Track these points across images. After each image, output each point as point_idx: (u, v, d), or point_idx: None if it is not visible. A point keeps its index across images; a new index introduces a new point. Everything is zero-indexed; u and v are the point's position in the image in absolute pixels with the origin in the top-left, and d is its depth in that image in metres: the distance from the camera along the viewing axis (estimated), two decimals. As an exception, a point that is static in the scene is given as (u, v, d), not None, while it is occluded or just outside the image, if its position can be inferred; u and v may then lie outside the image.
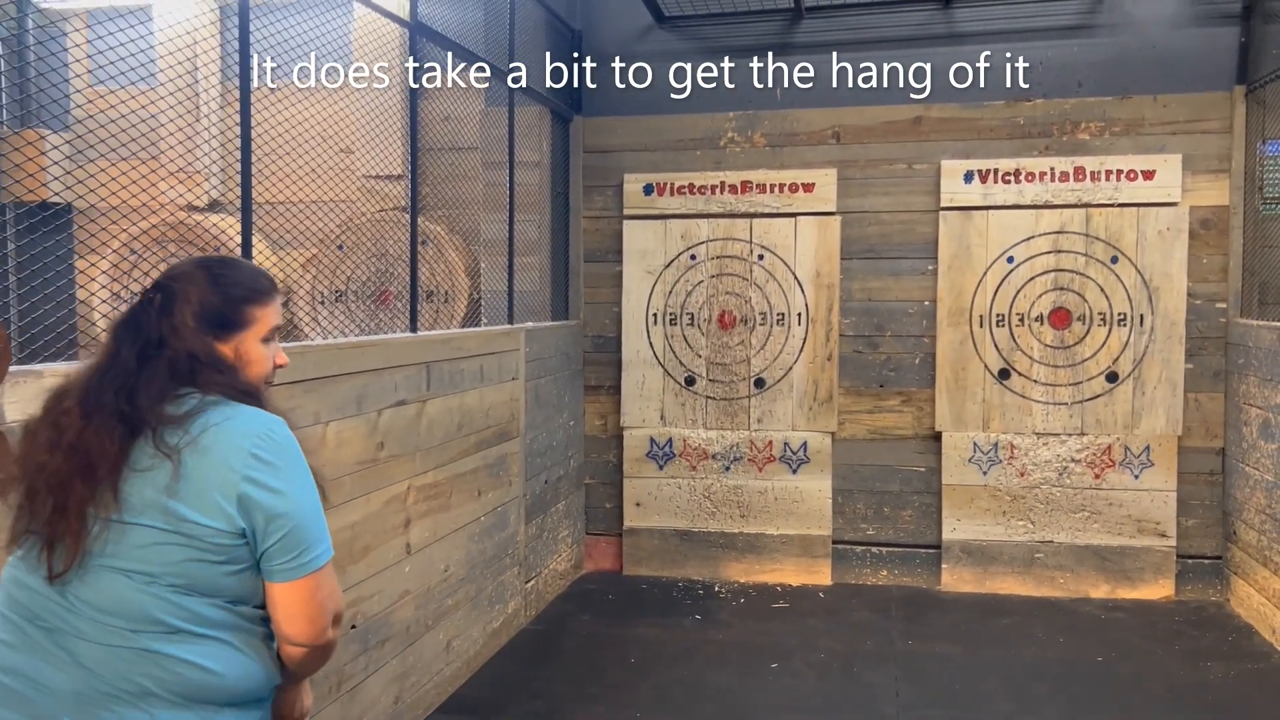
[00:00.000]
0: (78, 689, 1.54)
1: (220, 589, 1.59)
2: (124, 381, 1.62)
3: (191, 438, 1.58)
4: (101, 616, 1.55)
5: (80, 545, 1.55)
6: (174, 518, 1.56)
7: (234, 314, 1.74)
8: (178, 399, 1.63)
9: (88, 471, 1.56)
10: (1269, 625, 5.02)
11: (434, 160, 5.52)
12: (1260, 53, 5.44)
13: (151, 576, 1.55)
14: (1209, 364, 5.66)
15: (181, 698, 1.56)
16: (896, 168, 5.93)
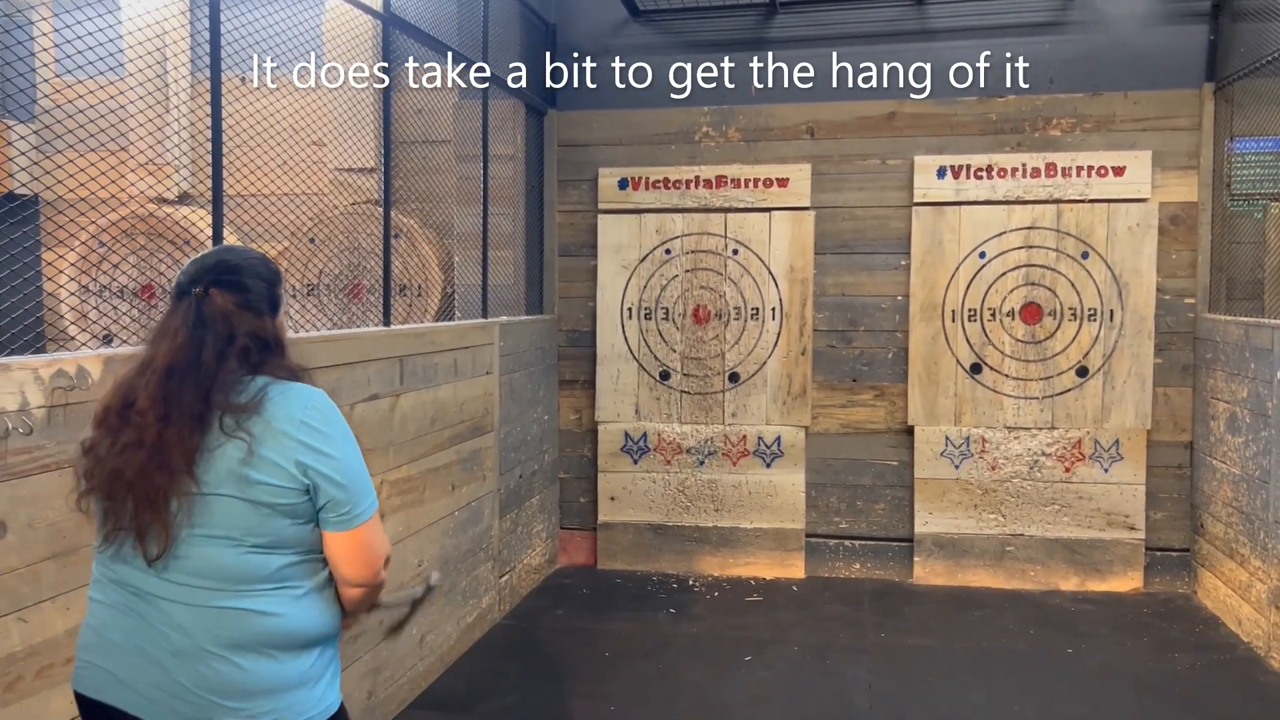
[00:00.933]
0: (175, 648, 1.74)
1: (291, 542, 1.80)
2: (202, 381, 1.78)
3: (260, 416, 1.78)
4: (192, 580, 1.75)
5: (169, 531, 1.75)
6: (247, 484, 1.76)
7: (276, 295, 1.95)
8: (239, 387, 1.81)
9: (167, 467, 1.74)
10: (1235, 616, 5.09)
11: (406, 153, 5.48)
12: (1229, 50, 5.50)
13: (235, 539, 1.76)
14: (1177, 359, 5.72)
15: (266, 646, 1.76)
16: (870, 163, 5.95)
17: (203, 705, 1.74)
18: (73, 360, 2.43)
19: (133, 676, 1.76)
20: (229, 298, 1.86)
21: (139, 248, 5.58)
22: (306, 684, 1.82)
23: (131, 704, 1.76)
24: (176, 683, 1.74)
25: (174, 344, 1.81)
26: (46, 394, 2.34)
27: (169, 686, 1.74)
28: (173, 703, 1.74)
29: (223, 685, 1.74)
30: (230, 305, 1.85)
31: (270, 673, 1.77)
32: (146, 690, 1.75)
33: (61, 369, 2.38)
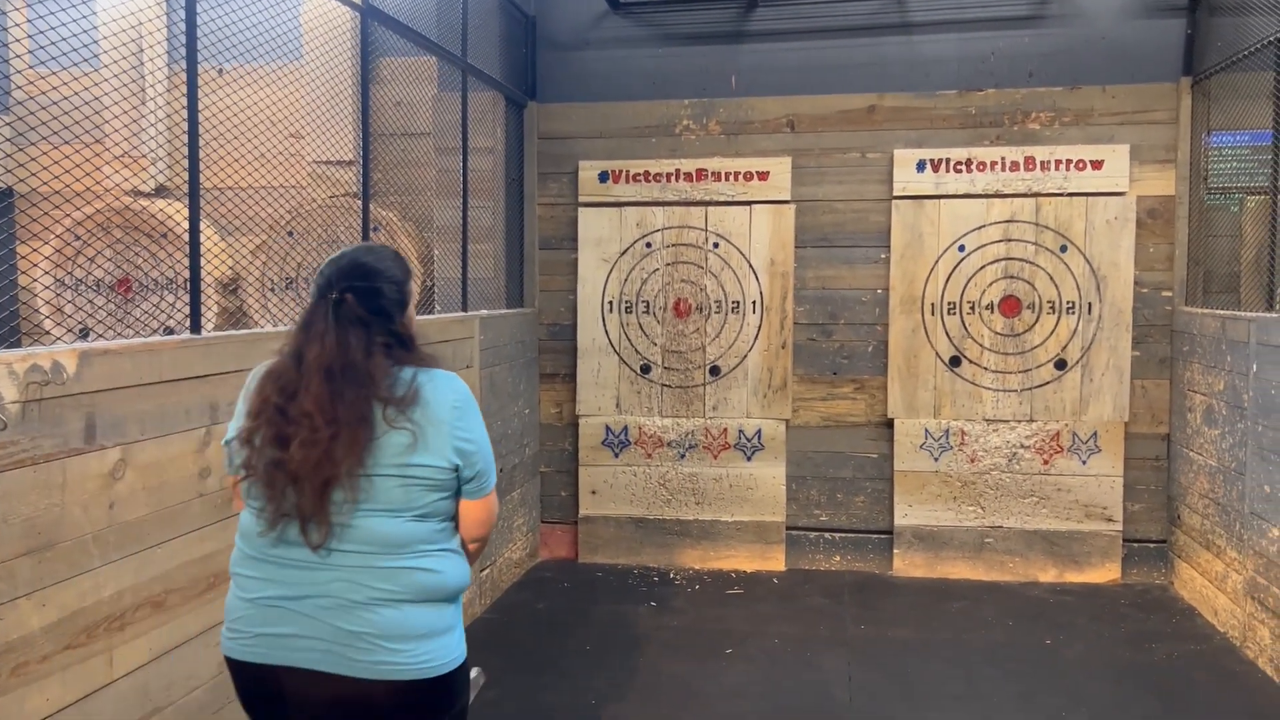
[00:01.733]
0: (341, 598, 1.96)
1: (438, 511, 2.06)
2: (362, 381, 1.98)
3: (419, 407, 2.00)
4: (357, 547, 1.97)
5: (330, 520, 1.95)
6: (409, 467, 1.99)
7: (406, 293, 2.16)
8: (391, 380, 2.02)
9: (335, 462, 1.93)
10: (1211, 607, 5.14)
11: (385, 146, 5.46)
12: (1206, 45, 5.54)
13: (396, 511, 1.99)
14: (1155, 351, 5.76)
15: (420, 597, 2.01)
16: (850, 156, 5.96)
17: (373, 649, 1.96)
18: (48, 355, 2.40)
19: (302, 632, 1.97)
20: (362, 304, 2.04)
21: (115, 241, 5.54)
22: (451, 630, 2.07)
23: (302, 659, 1.97)
24: (346, 631, 1.96)
25: (324, 346, 1.99)
26: (21, 389, 2.31)
27: (340, 637, 1.96)
28: (346, 651, 1.96)
29: (389, 629, 1.97)
30: (364, 312, 2.04)
31: (427, 620, 2.02)
32: (316, 644, 1.97)
33: (36, 364, 2.36)
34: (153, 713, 2.77)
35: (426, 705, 2.02)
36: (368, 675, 1.95)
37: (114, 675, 2.62)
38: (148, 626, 2.75)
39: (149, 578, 2.75)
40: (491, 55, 5.72)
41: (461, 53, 5.22)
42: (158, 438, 2.77)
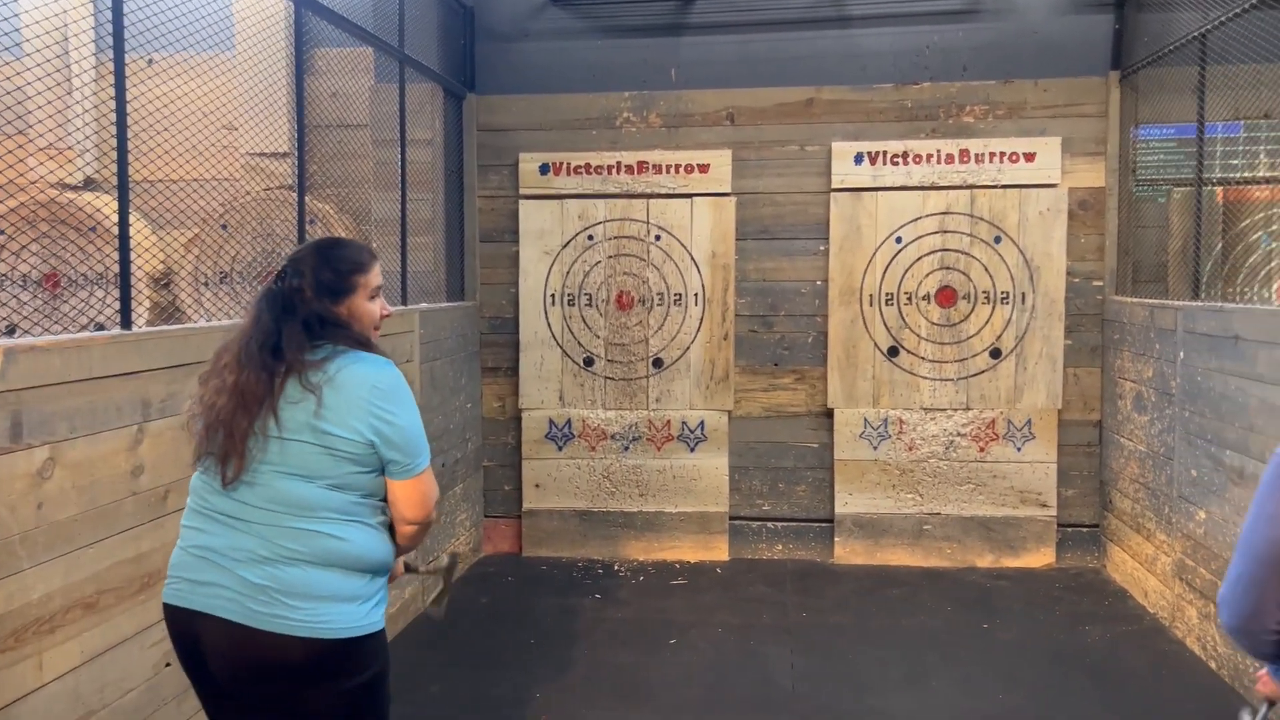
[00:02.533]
0: (252, 551, 2.09)
1: (355, 485, 2.16)
2: (266, 339, 2.15)
3: (329, 376, 2.14)
4: (270, 505, 2.11)
5: (244, 460, 2.11)
6: (321, 434, 2.11)
7: (343, 283, 2.27)
8: (314, 348, 2.17)
9: (247, 406, 2.11)
10: (1141, 589, 5.27)
11: (321, 137, 5.37)
12: (1133, 40, 5.67)
13: (308, 476, 2.12)
14: (1086, 340, 5.89)
15: (326, 561, 2.11)
16: (789, 149, 6.01)
17: (271, 603, 2.06)
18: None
19: (215, 580, 2.09)
20: (293, 281, 2.22)
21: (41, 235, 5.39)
22: (357, 600, 2.14)
23: (212, 605, 2.08)
24: (251, 583, 2.07)
25: (249, 315, 2.22)
26: (-59, 387, 2.24)
27: (245, 588, 2.07)
28: (247, 601, 2.06)
29: (291, 586, 2.07)
30: (293, 286, 2.22)
31: (331, 583, 2.10)
32: (224, 592, 2.08)
33: (-43, 361, 2.29)
34: (85, 716, 2.71)
35: (326, 667, 2.09)
36: (267, 627, 2.05)
37: (44, 679, 2.56)
38: (79, 629, 2.68)
39: (80, 579, 2.69)
40: (429, 46, 5.67)
41: (399, 44, 5.16)
42: (88, 435, 2.71)
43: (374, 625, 2.17)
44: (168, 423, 2.99)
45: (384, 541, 2.23)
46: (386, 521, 2.25)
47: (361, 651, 2.13)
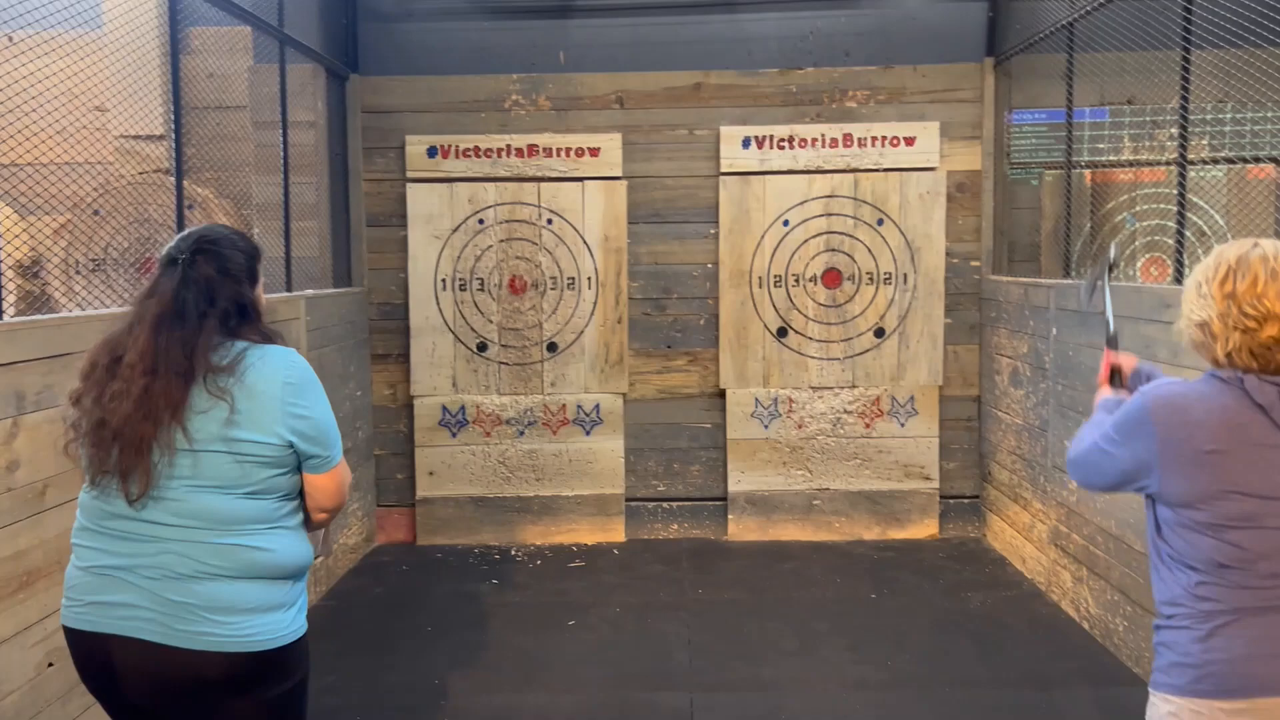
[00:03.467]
0: (169, 569, 1.96)
1: (274, 489, 2.06)
2: (187, 339, 1.98)
3: (238, 379, 1.99)
4: (185, 521, 1.97)
5: (150, 476, 1.96)
6: (235, 442, 1.98)
7: (255, 268, 2.19)
8: (220, 349, 2.02)
9: (153, 416, 1.94)
10: (1019, 556, 5.51)
11: (198, 119, 5.20)
12: (1006, 27, 5.88)
13: (225, 488, 1.99)
14: (965, 318, 6.11)
15: (250, 574, 2.00)
16: (679, 133, 6.06)
17: (196, 620, 1.96)
18: None
19: (128, 600, 1.97)
20: (210, 265, 2.06)
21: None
22: (283, 607, 2.06)
23: (127, 627, 1.96)
24: (172, 602, 1.96)
25: (161, 303, 2.01)
26: None
27: (165, 607, 1.96)
28: (169, 620, 1.96)
29: (215, 601, 1.97)
30: (212, 271, 2.06)
31: (256, 595, 2.01)
32: (141, 612, 1.96)
33: None
34: (-41, 722, 2.60)
35: (253, 678, 2.01)
36: (191, 645, 1.96)
37: (-88, 684, 2.45)
38: (-51, 631, 2.57)
39: (-51, 579, 2.57)
40: (310, 26, 5.53)
41: (278, 22, 5.03)
42: (-46, 429, 2.58)
43: (299, 631, 2.11)
44: (45, 415, 2.87)
45: (304, 543, 2.16)
46: (301, 520, 2.17)
47: (289, 658, 2.07)
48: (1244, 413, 1.84)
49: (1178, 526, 1.92)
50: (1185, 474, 1.88)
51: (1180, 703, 1.92)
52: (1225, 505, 1.85)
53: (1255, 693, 1.85)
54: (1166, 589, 1.98)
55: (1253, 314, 1.85)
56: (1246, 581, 1.86)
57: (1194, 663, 1.90)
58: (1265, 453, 1.83)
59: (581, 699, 3.99)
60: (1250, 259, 1.88)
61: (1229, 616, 1.88)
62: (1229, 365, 1.90)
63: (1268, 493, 1.83)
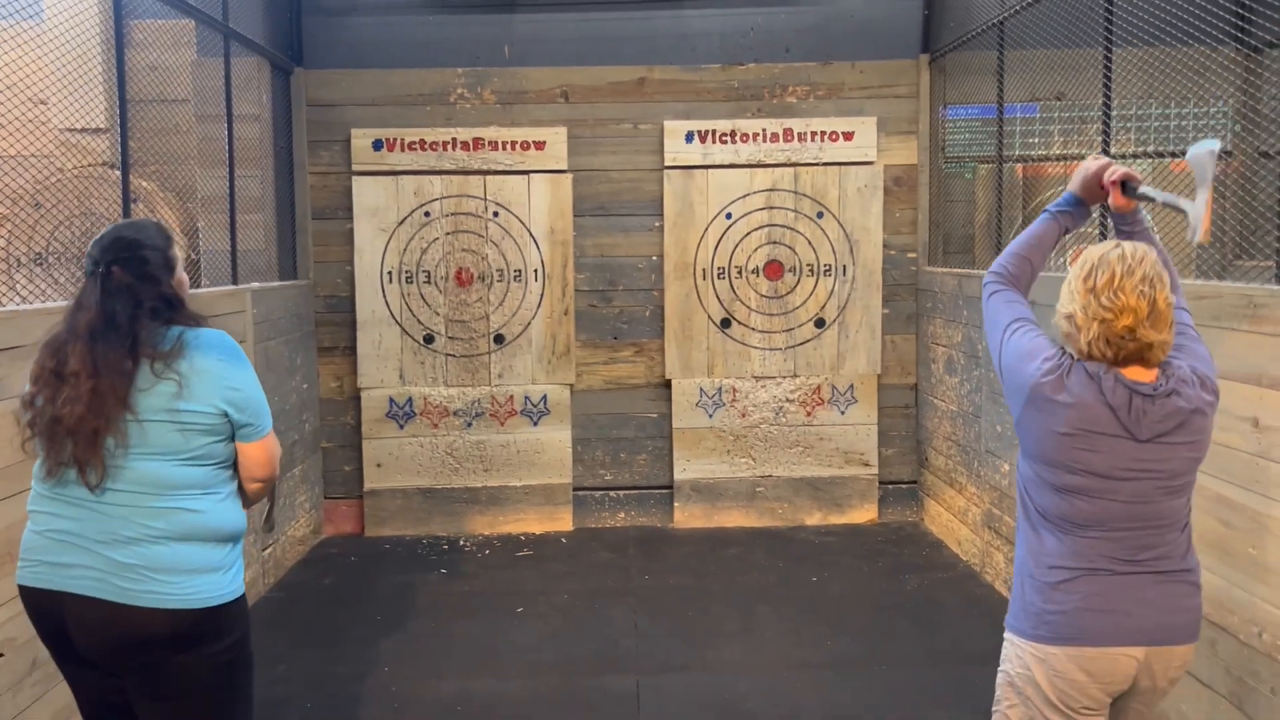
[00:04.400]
0: (116, 533, 2.15)
1: (210, 455, 2.25)
2: (123, 340, 2.16)
3: (184, 358, 2.19)
4: (130, 487, 2.17)
5: (104, 464, 2.14)
6: (179, 413, 2.18)
7: (171, 258, 2.33)
8: (159, 338, 2.20)
9: (102, 414, 2.13)
10: (955, 539, 5.69)
11: (141, 113, 5.17)
12: (940, 25, 6.04)
13: (166, 454, 2.18)
14: (902, 309, 6.27)
15: (188, 535, 2.20)
16: (623, 127, 6.14)
17: (141, 579, 2.14)
18: None
19: (79, 562, 2.15)
20: (128, 273, 2.22)
21: None
22: (221, 569, 2.25)
23: (78, 586, 2.14)
24: (117, 562, 2.14)
25: (90, 315, 2.19)
26: None
27: (111, 567, 2.14)
28: (115, 579, 2.14)
29: (158, 562, 2.16)
30: (131, 279, 2.22)
31: (195, 556, 2.20)
32: (90, 573, 2.14)
33: None
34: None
35: (195, 634, 2.19)
36: (136, 603, 2.14)
37: None
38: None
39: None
40: (254, 19, 5.53)
41: (223, 16, 5.02)
42: (-99, 424, 2.60)
43: (237, 591, 2.29)
44: (-9, 408, 2.89)
45: (238, 510, 2.34)
46: (236, 489, 2.35)
47: (227, 617, 2.25)
48: (1099, 408, 2.08)
49: (1038, 483, 2.19)
50: (1040, 440, 2.16)
51: (1022, 645, 2.22)
52: (1069, 477, 2.13)
53: (1084, 642, 2.13)
54: (1022, 542, 2.26)
55: (1109, 306, 2.07)
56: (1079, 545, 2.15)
57: (1036, 610, 2.18)
58: (1110, 442, 2.09)
59: (531, 684, 4.08)
60: (1110, 258, 2.11)
61: (1068, 574, 2.15)
62: (1088, 356, 2.13)
63: (1105, 473, 2.10)
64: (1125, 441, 2.08)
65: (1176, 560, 2.15)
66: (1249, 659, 3.01)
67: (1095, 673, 2.13)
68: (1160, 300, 2.07)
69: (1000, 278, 2.36)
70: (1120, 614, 2.12)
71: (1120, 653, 2.12)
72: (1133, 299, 2.06)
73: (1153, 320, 2.06)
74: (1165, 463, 2.10)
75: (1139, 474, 2.10)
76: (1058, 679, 2.15)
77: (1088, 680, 2.14)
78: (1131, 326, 2.06)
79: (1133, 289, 2.06)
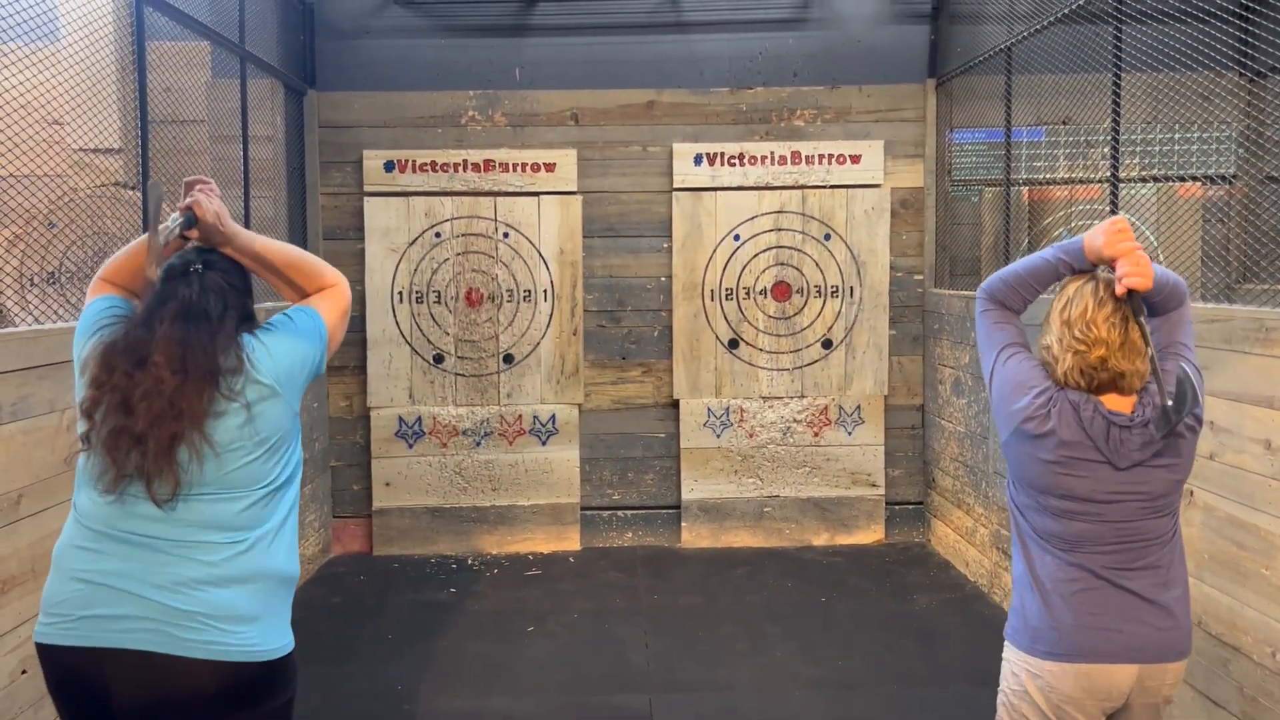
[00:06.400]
0: (177, 574, 1.94)
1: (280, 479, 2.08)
2: (215, 336, 2.00)
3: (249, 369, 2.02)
4: (200, 534, 1.96)
5: (177, 476, 1.94)
6: (253, 442, 2.01)
7: (249, 283, 2.23)
8: (229, 352, 2.02)
9: (181, 416, 1.93)
10: (962, 559, 5.71)
11: (156, 134, 5.22)
12: (947, 50, 6.10)
13: (240, 491, 2.00)
14: (909, 330, 6.31)
15: (253, 578, 2.01)
16: (632, 150, 6.20)
17: (203, 629, 1.94)
18: None
19: (129, 612, 1.92)
20: (220, 276, 2.11)
21: None
22: (282, 615, 2.09)
23: (127, 640, 1.92)
24: (176, 610, 1.93)
25: (183, 304, 2.01)
26: None
27: (168, 615, 1.92)
28: (173, 630, 1.92)
29: (222, 609, 1.96)
30: (224, 282, 2.11)
31: (259, 601, 2.01)
32: (145, 624, 1.92)
33: None
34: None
35: (256, 690, 2.00)
36: (196, 655, 1.92)
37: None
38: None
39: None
40: (269, 41, 5.59)
41: (239, 39, 5.08)
42: (-70, 440, 2.63)
43: (292, 641, 2.11)
44: (20, 426, 2.92)
45: (295, 550, 2.16)
46: (295, 523, 2.18)
47: (286, 670, 2.08)
48: (1080, 438, 2.14)
49: (1026, 504, 2.25)
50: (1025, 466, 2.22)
51: (1019, 658, 2.26)
52: (1055, 501, 2.19)
53: (1079, 658, 2.17)
54: (1018, 556, 2.31)
55: (1082, 338, 2.15)
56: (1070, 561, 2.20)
57: (1034, 625, 2.23)
58: (1091, 467, 2.15)
59: (543, 702, 4.09)
60: (1084, 291, 2.18)
61: (1061, 589, 2.20)
62: (1065, 384, 2.20)
63: (1087, 496, 2.16)
64: (1105, 468, 2.15)
65: (1164, 574, 2.20)
66: (1262, 679, 3.03)
67: (1089, 688, 2.18)
68: (1133, 331, 2.13)
69: (991, 298, 2.35)
70: (1113, 631, 2.17)
71: (1114, 669, 2.17)
72: (1104, 330, 2.12)
73: (1124, 351, 2.13)
74: (1146, 485, 2.16)
75: (1122, 497, 2.16)
76: (1052, 694, 2.19)
77: (1082, 695, 2.18)
78: (1104, 357, 2.13)
79: (1104, 320, 2.13)
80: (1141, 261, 2.12)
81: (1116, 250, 2.14)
